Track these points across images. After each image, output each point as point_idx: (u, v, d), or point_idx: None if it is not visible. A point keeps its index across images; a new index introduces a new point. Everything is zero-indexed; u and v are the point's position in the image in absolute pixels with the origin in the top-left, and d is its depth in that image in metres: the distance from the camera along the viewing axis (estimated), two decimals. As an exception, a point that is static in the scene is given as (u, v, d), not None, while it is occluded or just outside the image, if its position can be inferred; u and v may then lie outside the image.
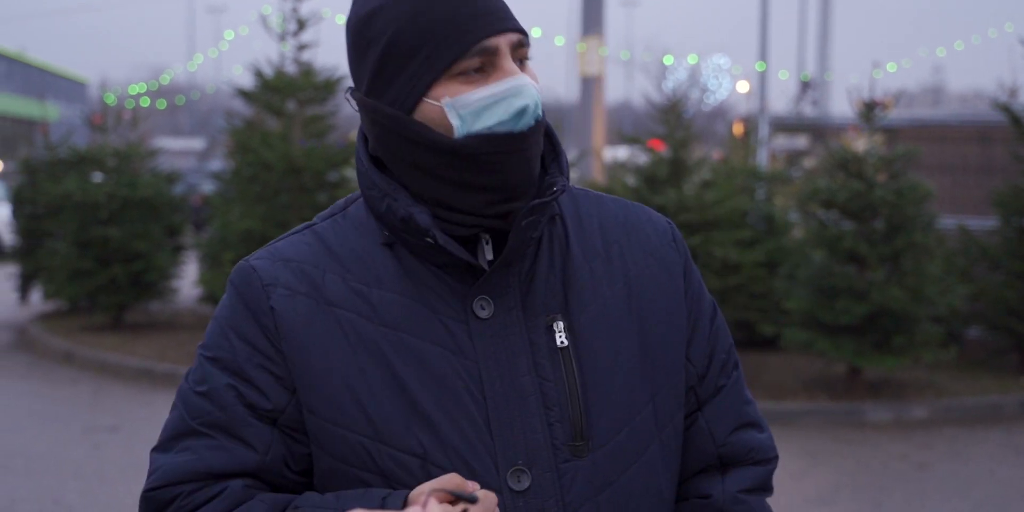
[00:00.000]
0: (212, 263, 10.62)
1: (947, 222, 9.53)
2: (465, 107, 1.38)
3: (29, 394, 8.86)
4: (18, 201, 12.85)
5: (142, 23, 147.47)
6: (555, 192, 1.43)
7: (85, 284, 10.91)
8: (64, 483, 6.30)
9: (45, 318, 11.89)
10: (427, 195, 1.44)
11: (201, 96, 55.08)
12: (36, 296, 12.65)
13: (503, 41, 1.40)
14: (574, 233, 1.53)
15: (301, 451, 1.46)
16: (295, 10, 10.01)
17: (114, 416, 7.94)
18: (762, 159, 12.68)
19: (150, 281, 11.15)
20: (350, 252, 1.48)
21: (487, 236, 1.46)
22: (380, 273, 1.46)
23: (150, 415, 8.10)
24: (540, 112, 1.42)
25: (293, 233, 1.53)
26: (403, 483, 1.40)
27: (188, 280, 12.65)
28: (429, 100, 1.39)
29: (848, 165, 8.44)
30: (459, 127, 1.38)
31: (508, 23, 1.41)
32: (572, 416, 1.43)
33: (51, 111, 36.38)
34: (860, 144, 8.82)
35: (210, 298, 11.01)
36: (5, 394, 8.80)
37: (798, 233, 9.95)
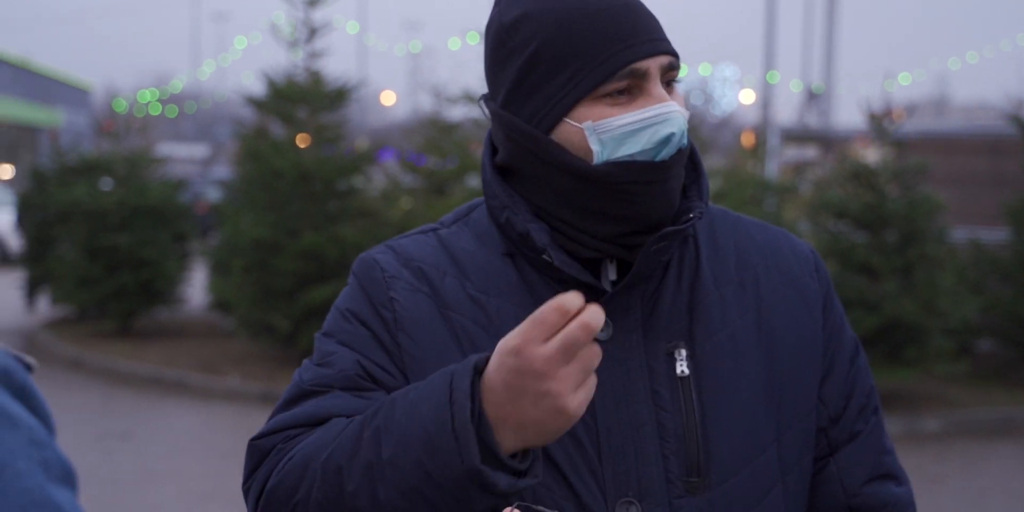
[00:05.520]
0: (222, 271, 10.61)
1: (958, 234, 9.53)
2: (607, 132, 1.30)
3: (39, 401, 8.84)
4: (25, 207, 12.86)
5: (145, 30, 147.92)
6: (691, 218, 1.35)
7: (94, 291, 10.92)
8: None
9: (53, 325, 11.89)
10: (553, 213, 1.36)
11: (209, 103, 55.20)
12: (43, 302, 12.64)
13: (654, 64, 1.31)
14: (707, 257, 1.43)
15: None
16: (307, 18, 10.01)
17: (125, 423, 7.94)
18: (772, 170, 12.68)
19: (159, 288, 11.17)
20: (470, 259, 1.41)
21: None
22: (500, 283, 1.39)
23: (161, 422, 8.10)
24: (685, 140, 1.33)
25: (417, 233, 1.46)
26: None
27: (197, 287, 12.65)
28: (570, 121, 1.31)
29: (860, 176, 8.44)
30: (599, 153, 1.30)
31: (661, 45, 1.33)
32: (689, 450, 1.34)
33: (57, 117, 36.43)
34: (869, 154, 8.82)
35: (219, 305, 11.01)
36: (15, 401, 8.79)
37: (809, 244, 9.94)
